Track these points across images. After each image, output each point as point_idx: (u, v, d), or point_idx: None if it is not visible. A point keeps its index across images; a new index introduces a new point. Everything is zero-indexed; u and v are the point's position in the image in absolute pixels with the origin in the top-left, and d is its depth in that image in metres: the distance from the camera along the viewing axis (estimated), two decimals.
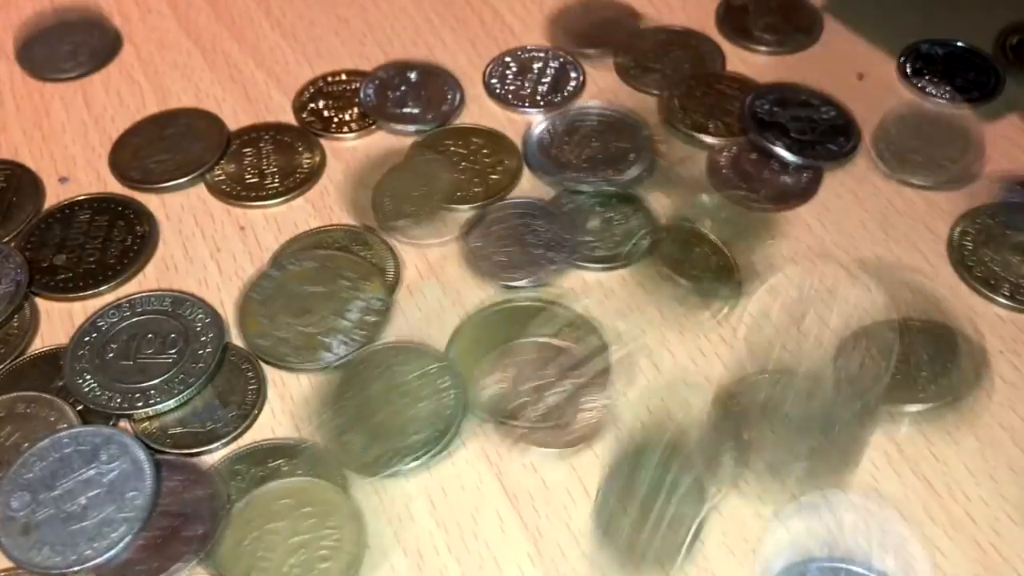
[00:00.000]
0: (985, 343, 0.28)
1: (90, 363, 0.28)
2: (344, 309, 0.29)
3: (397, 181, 0.33)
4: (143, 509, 0.25)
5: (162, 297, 0.30)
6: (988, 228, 0.31)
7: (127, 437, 0.26)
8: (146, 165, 0.34)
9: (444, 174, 0.33)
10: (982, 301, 0.30)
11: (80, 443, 0.26)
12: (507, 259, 0.31)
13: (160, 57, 0.39)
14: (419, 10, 0.40)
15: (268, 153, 0.34)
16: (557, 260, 0.31)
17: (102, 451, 0.26)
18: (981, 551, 0.25)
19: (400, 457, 0.26)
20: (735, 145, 0.34)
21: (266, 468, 0.26)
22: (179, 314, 0.30)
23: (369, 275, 0.30)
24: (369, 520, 0.25)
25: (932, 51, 0.37)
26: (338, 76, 0.37)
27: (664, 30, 0.39)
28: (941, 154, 0.34)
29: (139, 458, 0.26)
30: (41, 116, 0.36)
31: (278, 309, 0.30)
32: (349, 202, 0.33)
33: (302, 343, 0.29)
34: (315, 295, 0.30)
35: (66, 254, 0.31)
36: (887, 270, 0.30)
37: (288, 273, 0.30)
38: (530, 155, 0.34)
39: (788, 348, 0.28)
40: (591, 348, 0.28)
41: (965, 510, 0.25)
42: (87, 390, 0.28)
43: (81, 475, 0.25)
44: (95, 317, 0.30)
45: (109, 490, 0.25)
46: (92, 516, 0.25)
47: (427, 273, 0.31)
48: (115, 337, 0.29)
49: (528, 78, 0.37)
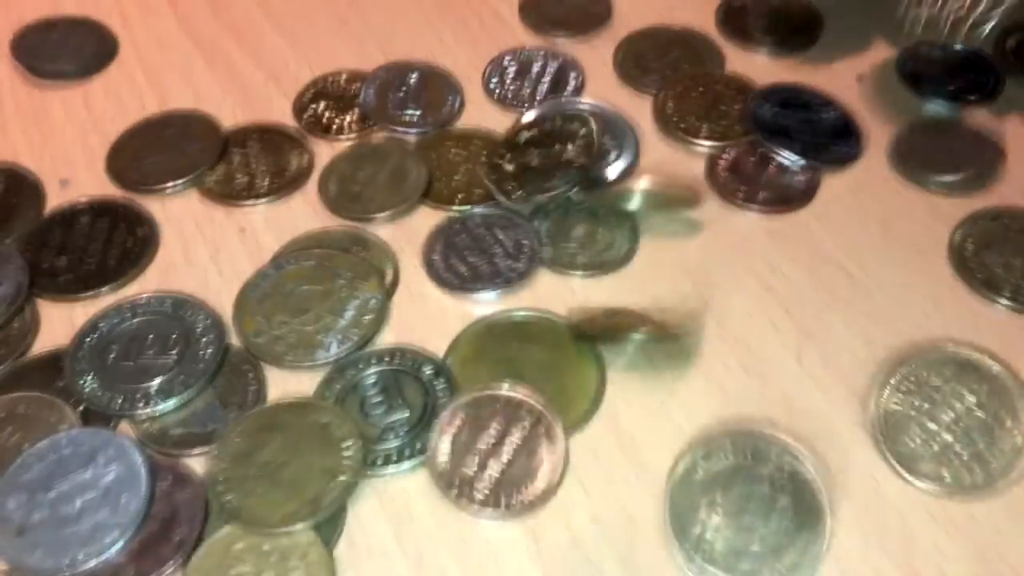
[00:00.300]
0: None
1: (91, 364, 0.28)
2: (341, 308, 0.30)
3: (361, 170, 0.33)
4: (136, 516, 0.25)
5: (163, 299, 0.30)
6: (989, 231, 0.31)
7: (125, 440, 0.26)
8: (142, 167, 0.34)
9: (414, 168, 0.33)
10: (983, 304, 0.30)
11: (78, 445, 0.26)
12: (470, 271, 0.31)
13: (160, 58, 0.39)
14: (419, 11, 0.40)
15: (257, 154, 0.35)
16: (519, 270, 0.31)
17: (100, 454, 0.26)
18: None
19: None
20: (733, 148, 0.34)
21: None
22: (180, 316, 0.30)
23: (367, 275, 0.30)
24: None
25: (931, 53, 0.37)
26: (338, 78, 0.37)
27: (664, 30, 0.39)
28: (957, 159, 0.33)
29: (135, 463, 0.26)
30: (41, 118, 0.36)
31: (275, 308, 0.30)
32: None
33: (298, 341, 0.29)
34: (312, 294, 0.30)
35: (67, 256, 0.32)
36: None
37: (285, 272, 0.30)
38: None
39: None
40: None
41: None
42: (88, 391, 0.28)
43: (77, 477, 0.26)
44: (96, 319, 0.30)
45: (104, 495, 0.25)
46: (86, 521, 0.25)
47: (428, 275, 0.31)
48: (116, 338, 0.29)
49: (527, 79, 0.37)
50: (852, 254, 0.31)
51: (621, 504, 0.26)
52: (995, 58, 0.37)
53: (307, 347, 0.29)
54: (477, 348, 0.29)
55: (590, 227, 0.32)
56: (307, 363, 0.29)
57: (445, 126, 0.35)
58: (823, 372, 0.28)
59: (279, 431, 0.27)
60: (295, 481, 0.26)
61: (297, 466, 0.26)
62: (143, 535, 0.25)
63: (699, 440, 0.27)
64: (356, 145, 0.35)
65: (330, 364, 0.28)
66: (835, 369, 0.28)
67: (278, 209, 0.33)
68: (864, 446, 0.27)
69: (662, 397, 0.28)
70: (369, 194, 0.33)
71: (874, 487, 0.26)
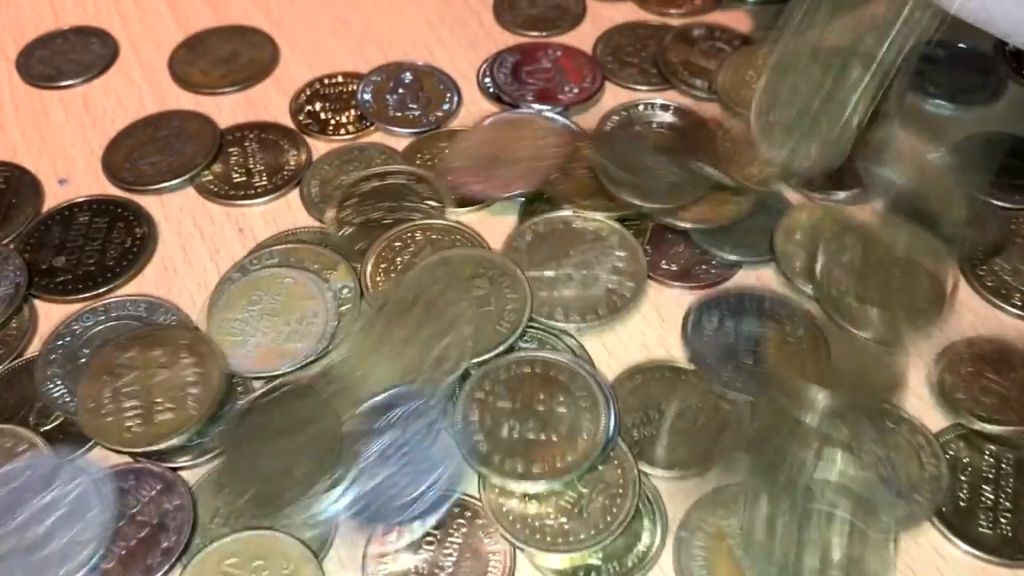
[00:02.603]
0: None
1: (62, 368, 0.28)
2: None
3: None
4: (107, 528, 0.25)
5: (137, 302, 0.30)
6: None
7: (81, 459, 0.26)
8: (138, 167, 0.34)
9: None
10: (993, 311, 0.30)
11: (34, 470, 0.26)
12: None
13: (159, 58, 0.39)
14: (418, 11, 0.40)
15: (254, 152, 0.35)
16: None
17: (58, 474, 0.25)
18: None
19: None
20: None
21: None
22: (153, 320, 0.29)
23: (334, 265, 0.30)
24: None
25: (934, 52, 0.37)
26: (335, 78, 0.37)
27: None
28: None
29: (97, 477, 0.25)
30: (40, 118, 0.37)
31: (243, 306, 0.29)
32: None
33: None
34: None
35: (65, 256, 0.32)
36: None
37: (251, 274, 0.30)
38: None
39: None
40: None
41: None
42: (56, 396, 0.28)
43: (39, 502, 0.25)
44: (69, 321, 0.29)
45: (70, 512, 0.25)
46: (56, 541, 0.24)
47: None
48: (88, 343, 0.29)
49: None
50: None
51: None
52: (996, 60, 0.37)
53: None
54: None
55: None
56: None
57: (441, 126, 0.35)
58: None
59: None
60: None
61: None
62: (132, 543, 0.25)
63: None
64: (342, 148, 0.34)
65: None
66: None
67: (276, 208, 0.33)
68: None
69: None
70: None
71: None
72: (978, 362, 0.28)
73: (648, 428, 0.27)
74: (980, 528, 0.25)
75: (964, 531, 0.25)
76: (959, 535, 0.25)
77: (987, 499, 0.25)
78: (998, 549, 0.25)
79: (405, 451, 0.25)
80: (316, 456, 0.25)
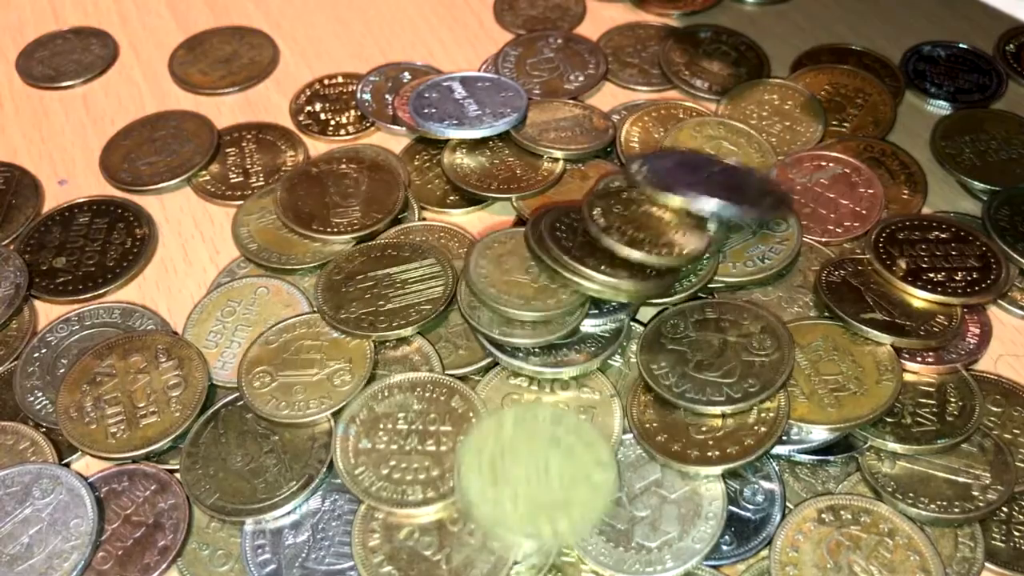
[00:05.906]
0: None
1: (41, 379, 0.28)
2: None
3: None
4: (89, 533, 0.24)
5: (111, 309, 0.30)
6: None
7: (57, 468, 0.26)
8: (136, 167, 0.34)
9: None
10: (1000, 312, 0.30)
11: (9, 485, 0.25)
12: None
13: (159, 59, 0.39)
14: (419, 11, 0.40)
15: (251, 152, 0.35)
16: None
17: (34, 488, 0.25)
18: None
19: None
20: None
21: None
22: (129, 326, 0.29)
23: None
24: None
25: (934, 53, 0.37)
26: (335, 78, 0.37)
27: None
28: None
29: (74, 485, 0.25)
30: (40, 118, 0.36)
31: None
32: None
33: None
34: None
35: (65, 257, 0.32)
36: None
37: (223, 286, 0.30)
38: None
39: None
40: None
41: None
42: (39, 407, 0.27)
43: (17, 516, 0.25)
44: (44, 332, 0.29)
45: (50, 523, 0.25)
46: (38, 552, 0.24)
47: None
48: (65, 352, 0.29)
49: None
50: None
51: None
52: (996, 60, 0.37)
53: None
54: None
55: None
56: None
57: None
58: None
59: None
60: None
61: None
62: (128, 542, 0.25)
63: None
64: (333, 150, 0.34)
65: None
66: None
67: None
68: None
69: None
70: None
71: None
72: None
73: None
74: (993, 541, 0.25)
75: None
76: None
77: (1001, 512, 0.25)
78: (1011, 563, 0.24)
79: None
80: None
